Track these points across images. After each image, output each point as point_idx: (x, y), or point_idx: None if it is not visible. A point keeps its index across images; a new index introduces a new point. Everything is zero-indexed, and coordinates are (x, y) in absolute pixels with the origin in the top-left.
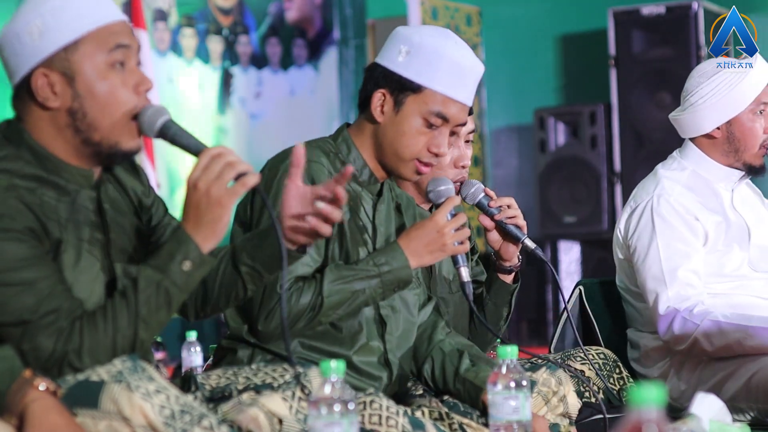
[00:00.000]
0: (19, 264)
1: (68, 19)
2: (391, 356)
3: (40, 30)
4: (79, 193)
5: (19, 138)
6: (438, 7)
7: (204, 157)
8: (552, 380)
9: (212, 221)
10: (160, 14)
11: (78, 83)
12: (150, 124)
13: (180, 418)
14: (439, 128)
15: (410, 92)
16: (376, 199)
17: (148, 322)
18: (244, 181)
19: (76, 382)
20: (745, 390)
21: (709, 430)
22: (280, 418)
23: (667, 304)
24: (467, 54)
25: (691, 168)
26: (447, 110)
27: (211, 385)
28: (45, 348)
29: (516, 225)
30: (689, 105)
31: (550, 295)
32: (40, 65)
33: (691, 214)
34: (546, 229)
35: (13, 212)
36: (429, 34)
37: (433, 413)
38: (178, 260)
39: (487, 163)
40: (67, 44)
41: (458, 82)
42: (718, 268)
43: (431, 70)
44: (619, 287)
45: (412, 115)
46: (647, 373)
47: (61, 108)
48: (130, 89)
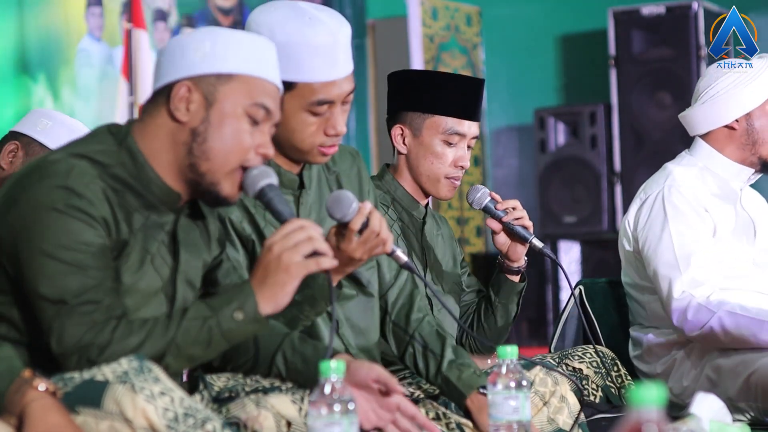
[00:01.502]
0: (80, 246)
1: (235, 55)
2: (353, 351)
3: (205, 52)
4: (158, 210)
5: (123, 138)
6: (438, 7)
7: (289, 224)
8: (548, 380)
9: (276, 285)
10: (160, 14)
11: (213, 111)
12: (253, 183)
13: (183, 422)
14: (327, 111)
15: (285, 91)
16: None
17: (180, 350)
18: (319, 261)
19: (82, 381)
20: (745, 388)
21: (709, 430)
22: (288, 420)
23: (682, 289)
24: (324, 29)
25: (702, 164)
26: (327, 94)
27: (219, 386)
28: (73, 334)
29: (523, 226)
30: (708, 97)
31: (550, 295)
32: (189, 78)
33: (701, 205)
34: (546, 229)
35: (94, 198)
36: (277, 24)
37: (430, 413)
38: (233, 307)
39: (487, 163)
40: (223, 73)
41: (324, 62)
42: (724, 261)
43: (293, 64)
44: (624, 282)
45: (295, 112)
46: (650, 370)
47: (186, 124)
48: (253, 144)
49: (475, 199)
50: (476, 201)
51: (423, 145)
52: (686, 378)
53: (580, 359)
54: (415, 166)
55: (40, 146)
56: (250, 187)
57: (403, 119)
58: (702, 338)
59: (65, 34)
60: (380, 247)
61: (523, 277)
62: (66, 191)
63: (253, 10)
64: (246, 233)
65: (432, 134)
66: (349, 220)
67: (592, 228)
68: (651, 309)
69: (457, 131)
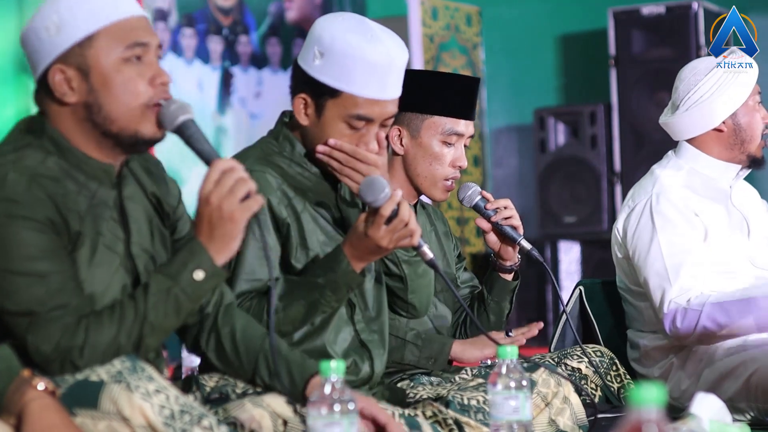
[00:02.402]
0: (35, 254)
1: (83, 15)
2: (365, 335)
3: (56, 26)
4: (99, 189)
5: (41, 130)
6: (438, 7)
7: (215, 170)
8: (551, 380)
9: (224, 235)
10: (160, 14)
11: (93, 77)
12: (172, 117)
13: (180, 418)
14: (364, 127)
15: (328, 97)
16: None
17: (155, 327)
18: (256, 199)
19: (76, 382)
20: (745, 389)
21: (709, 430)
22: (284, 419)
23: (670, 300)
24: (382, 49)
25: (688, 166)
26: (368, 111)
27: (211, 385)
28: (49, 342)
29: (512, 226)
30: (692, 103)
31: (550, 295)
32: (57, 61)
33: (690, 210)
34: (546, 229)
35: (35, 202)
36: (340, 32)
37: (427, 412)
38: (190, 269)
39: (487, 163)
40: (81, 40)
41: (375, 81)
42: (719, 260)
43: (345, 74)
44: (619, 287)
45: (334, 119)
46: (648, 373)
47: (78, 103)
48: (146, 81)
49: (466, 197)
50: (466, 199)
51: (422, 147)
52: (684, 381)
53: (579, 359)
54: (413, 168)
55: None
56: (169, 123)
57: (400, 120)
58: (700, 339)
59: None
60: (407, 238)
61: (517, 276)
62: (5, 202)
63: (253, 10)
64: (282, 216)
65: (431, 135)
66: (380, 205)
67: (592, 228)
68: (646, 314)
69: (455, 131)
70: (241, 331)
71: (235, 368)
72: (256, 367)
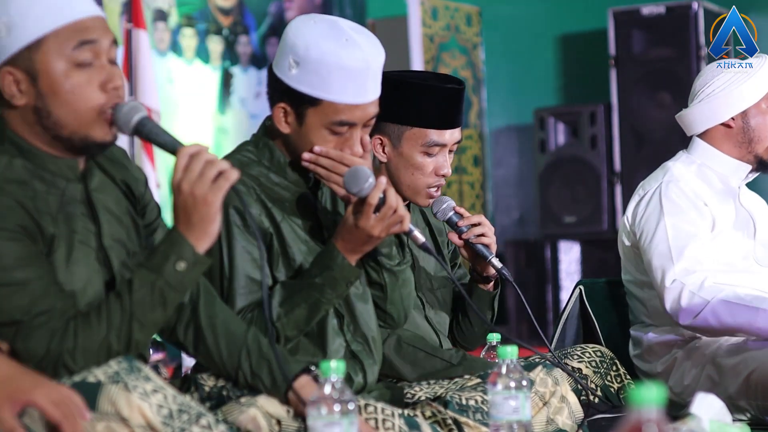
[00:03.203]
0: (12, 264)
1: (33, 17)
2: (355, 347)
3: (7, 27)
4: (67, 186)
5: (2, 134)
6: (438, 7)
7: (182, 157)
8: (549, 380)
9: (201, 220)
10: (160, 14)
11: (41, 82)
12: (125, 121)
13: (178, 417)
14: (348, 131)
15: (308, 105)
16: (316, 188)
17: (143, 322)
18: (226, 176)
19: (73, 384)
20: (745, 387)
21: (709, 430)
22: (278, 419)
23: (674, 278)
24: (359, 54)
25: (700, 161)
26: (350, 116)
27: (210, 386)
28: (39, 348)
29: (484, 244)
30: (705, 95)
31: (550, 295)
32: (6, 63)
33: (700, 199)
34: (546, 229)
35: (5, 210)
36: (313, 40)
37: (426, 413)
38: (173, 260)
39: (487, 163)
40: (30, 43)
41: (353, 86)
42: (724, 256)
43: (322, 82)
44: (624, 280)
45: (316, 127)
46: (651, 369)
47: (27, 106)
48: (97, 87)
49: (440, 211)
50: (440, 212)
51: (403, 157)
52: (687, 377)
53: (579, 359)
54: (396, 176)
55: None
56: (125, 126)
57: (381, 129)
58: (696, 327)
59: None
60: (398, 225)
61: (497, 284)
62: None
63: (253, 10)
64: (265, 226)
65: (411, 146)
66: (367, 194)
67: (592, 228)
68: (651, 305)
69: (436, 142)
70: (223, 325)
71: (215, 361)
72: (239, 362)
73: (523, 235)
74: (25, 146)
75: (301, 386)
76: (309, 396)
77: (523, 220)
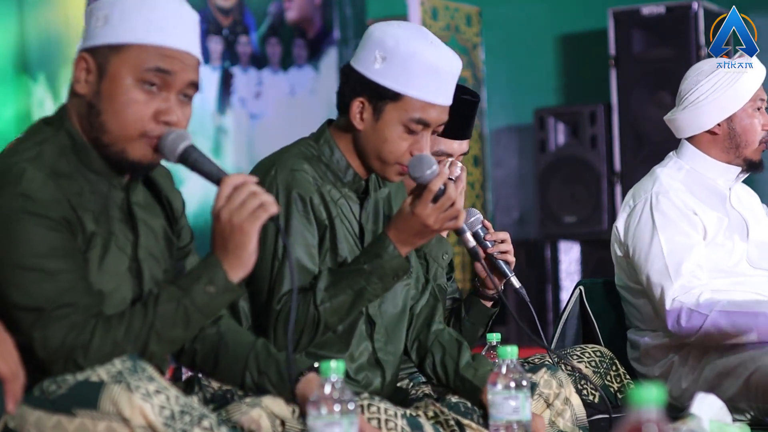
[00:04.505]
0: (46, 252)
1: (130, 23)
2: (381, 354)
3: (105, 19)
4: (110, 190)
5: (60, 123)
6: (438, 7)
7: (226, 186)
8: (553, 382)
9: (237, 248)
10: None
11: (105, 83)
12: (171, 149)
13: (180, 419)
14: (420, 132)
15: (389, 100)
16: (363, 197)
17: (162, 335)
18: (266, 208)
19: (76, 383)
20: (745, 389)
21: (709, 430)
22: (282, 419)
23: (673, 297)
24: (443, 54)
25: (688, 167)
26: (427, 115)
27: (214, 388)
28: (55, 339)
29: (506, 261)
30: (689, 103)
31: (550, 295)
32: (88, 50)
33: (689, 208)
34: (546, 229)
35: (51, 200)
36: (403, 37)
37: (429, 413)
38: (203, 282)
39: (487, 163)
40: (115, 44)
41: (436, 85)
42: (718, 263)
43: (408, 77)
44: (618, 285)
45: (393, 123)
46: (648, 372)
47: (84, 96)
48: (151, 112)
49: (467, 223)
50: (468, 225)
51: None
52: (684, 380)
53: (579, 359)
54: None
55: None
56: (170, 154)
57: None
58: (700, 341)
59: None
60: (453, 220)
61: (496, 303)
62: (22, 198)
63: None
64: (322, 217)
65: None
66: (428, 180)
67: (592, 228)
68: (645, 312)
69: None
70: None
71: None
72: (246, 363)
73: (523, 235)
74: (79, 140)
75: (309, 381)
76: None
77: (523, 220)
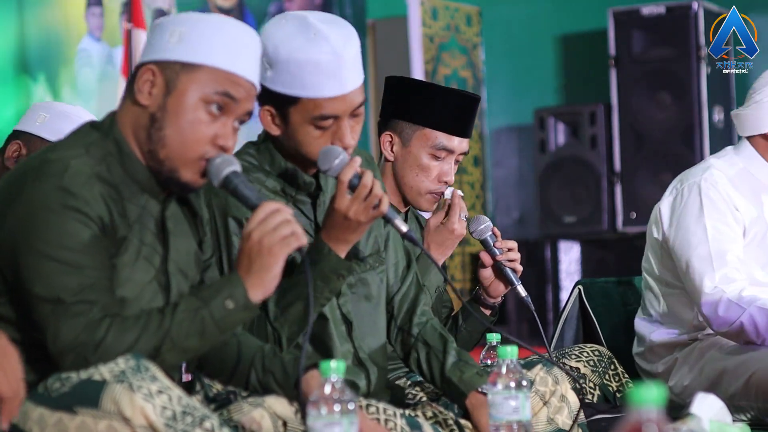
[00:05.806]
0: (75, 245)
1: (206, 45)
2: (362, 354)
3: (179, 37)
4: (147, 201)
5: (109, 130)
6: (438, 7)
7: (262, 210)
8: (549, 379)
9: (261, 269)
10: (160, 14)
11: (172, 99)
12: (216, 172)
13: (181, 420)
14: (334, 124)
15: (289, 104)
16: (317, 194)
17: (175, 343)
18: (297, 238)
19: (79, 381)
20: (745, 388)
21: (709, 430)
22: (284, 420)
23: (714, 285)
24: (327, 47)
25: (742, 165)
26: (332, 109)
27: (217, 388)
28: (69, 334)
29: (514, 269)
30: (753, 102)
31: (551, 295)
32: (156, 62)
33: (733, 204)
34: (546, 229)
35: (90, 198)
36: (282, 39)
37: (427, 413)
38: (223, 296)
39: (487, 163)
40: (188, 62)
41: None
42: (752, 263)
43: (297, 80)
44: (644, 268)
45: (301, 125)
46: (651, 368)
47: (147, 108)
48: (211, 134)
49: (477, 230)
50: (477, 232)
51: (410, 156)
52: (687, 378)
53: (578, 358)
54: (401, 176)
55: (41, 141)
56: (215, 177)
57: (393, 127)
58: (731, 334)
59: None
60: (376, 208)
61: (495, 313)
62: (62, 192)
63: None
64: None
65: (420, 146)
66: (338, 172)
67: (592, 228)
68: (667, 302)
69: (445, 146)
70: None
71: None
72: (252, 364)
73: (523, 235)
74: (125, 149)
75: (313, 376)
76: None
77: (523, 220)
